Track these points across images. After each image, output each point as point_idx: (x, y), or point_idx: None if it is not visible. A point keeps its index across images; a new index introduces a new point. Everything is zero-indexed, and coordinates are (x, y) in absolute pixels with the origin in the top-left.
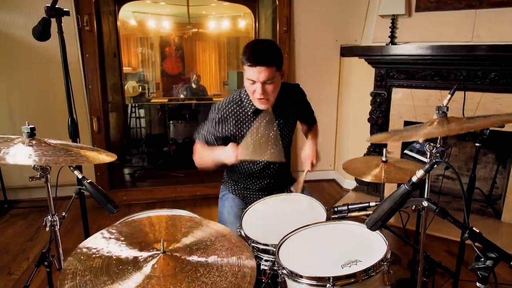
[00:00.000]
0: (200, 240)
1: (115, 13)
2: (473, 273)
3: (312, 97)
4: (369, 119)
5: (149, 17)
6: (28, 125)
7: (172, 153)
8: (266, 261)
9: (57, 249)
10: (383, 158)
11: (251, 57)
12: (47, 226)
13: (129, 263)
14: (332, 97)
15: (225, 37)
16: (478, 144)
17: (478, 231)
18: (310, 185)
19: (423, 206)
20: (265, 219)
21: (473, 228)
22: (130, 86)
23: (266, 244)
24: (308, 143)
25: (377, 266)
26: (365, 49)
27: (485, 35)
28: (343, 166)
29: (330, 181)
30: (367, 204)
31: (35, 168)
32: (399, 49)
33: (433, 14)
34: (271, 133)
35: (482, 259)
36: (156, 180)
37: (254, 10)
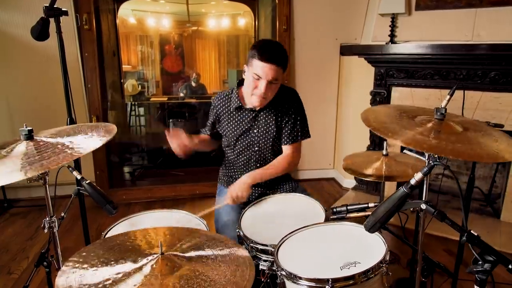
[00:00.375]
0: (197, 244)
1: (114, 11)
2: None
3: (311, 96)
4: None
5: (148, 15)
6: (26, 127)
7: (172, 151)
8: (264, 261)
9: (55, 250)
10: (384, 152)
11: (265, 53)
12: (46, 228)
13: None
14: (331, 96)
15: (224, 35)
16: None
17: (476, 234)
18: (310, 183)
19: (421, 208)
20: (263, 219)
21: (471, 231)
22: (130, 85)
23: (264, 245)
24: (249, 174)
25: (376, 268)
26: (365, 48)
27: (485, 34)
28: (344, 161)
29: (330, 180)
30: (366, 205)
31: None
32: (399, 48)
33: (433, 13)
34: (254, 131)
35: (480, 262)
36: (155, 179)
37: (254, 9)
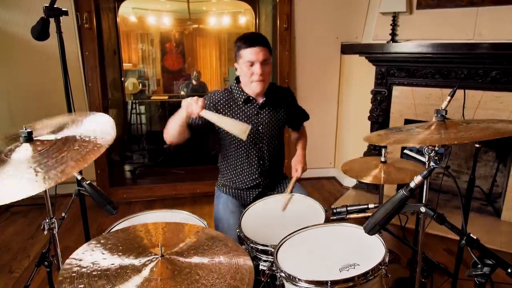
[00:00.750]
0: (197, 244)
1: (115, 10)
2: None
3: (312, 94)
4: (369, 117)
5: (149, 13)
6: (26, 128)
7: (172, 150)
8: (265, 261)
9: (55, 252)
10: (382, 159)
11: (249, 39)
12: (45, 230)
13: (128, 266)
14: (332, 95)
15: (225, 33)
16: (477, 145)
17: (475, 237)
18: (311, 182)
19: (420, 211)
20: (264, 219)
21: (471, 234)
22: (130, 83)
23: (265, 245)
24: (299, 151)
25: (375, 270)
26: (366, 46)
27: (486, 33)
28: (342, 168)
29: (330, 178)
30: (366, 206)
31: None
32: (400, 47)
33: (434, 12)
34: (259, 127)
35: (479, 266)
36: (156, 178)
37: (255, 7)
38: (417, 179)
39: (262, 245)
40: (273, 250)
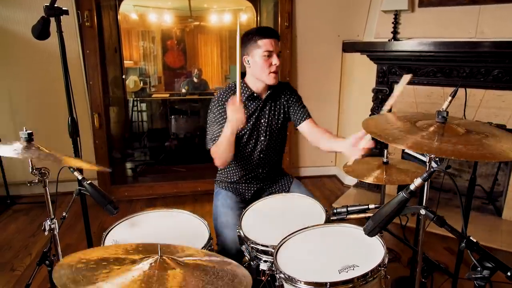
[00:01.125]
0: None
1: (116, 7)
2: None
3: (313, 93)
4: (370, 116)
5: (150, 10)
6: (26, 130)
7: (173, 148)
8: (265, 261)
9: (56, 252)
10: (384, 160)
11: (266, 31)
12: (46, 231)
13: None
14: (333, 93)
15: (226, 31)
16: None
17: (475, 240)
18: (312, 181)
19: (420, 214)
20: (264, 219)
21: (471, 237)
22: (132, 81)
23: (265, 245)
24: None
25: (375, 272)
26: (367, 45)
27: (489, 31)
28: (344, 169)
29: (332, 177)
30: (366, 207)
31: (33, 173)
32: (402, 45)
33: (436, 10)
34: (261, 120)
35: (479, 269)
36: (157, 175)
37: (256, 4)
38: (417, 181)
39: (263, 245)
40: (273, 251)
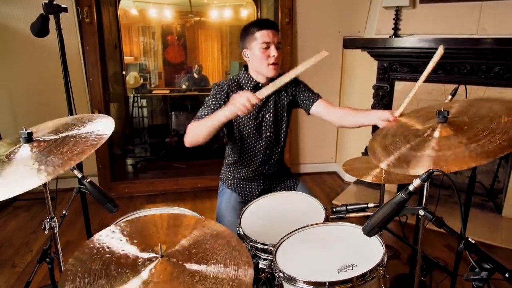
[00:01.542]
0: (199, 242)
1: (116, 3)
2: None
3: (313, 89)
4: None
5: (150, 6)
6: (25, 129)
7: (174, 144)
8: (264, 260)
9: (56, 250)
10: None
11: (263, 22)
12: (46, 230)
13: (127, 266)
14: (334, 89)
15: (227, 26)
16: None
17: (473, 241)
18: (312, 177)
19: (419, 214)
20: (264, 218)
21: (469, 238)
22: (132, 77)
23: (264, 244)
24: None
25: (374, 271)
26: (368, 41)
27: (490, 28)
28: (344, 167)
29: (332, 173)
30: (366, 205)
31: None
32: (403, 42)
33: (438, 6)
34: (266, 115)
35: (477, 270)
36: (158, 172)
37: (256, 0)
38: (416, 182)
39: (262, 244)
40: (273, 249)
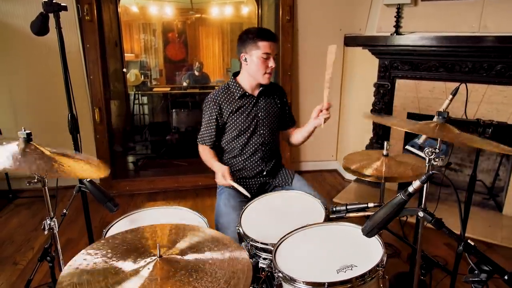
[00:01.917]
0: (197, 245)
1: (116, 1)
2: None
3: (314, 87)
4: (372, 111)
5: (151, 3)
6: (25, 130)
7: (174, 141)
8: (264, 259)
9: (56, 250)
10: (384, 152)
11: (266, 34)
12: (46, 230)
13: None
14: (335, 88)
15: (228, 24)
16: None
17: (473, 243)
18: (312, 175)
19: (418, 216)
20: (264, 217)
21: (468, 240)
22: (132, 74)
23: (264, 243)
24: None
25: (373, 272)
26: (369, 39)
27: (492, 25)
28: (344, 160)
29: (332, 171)
30: (366, 205)
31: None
32: (404, 40)
33: (439, 4)
34: (259, 114)
35: (476, 272)
36: (158, 169)
37: None
38: (416, 184)
39: (262, 243)
40: (272, 249)
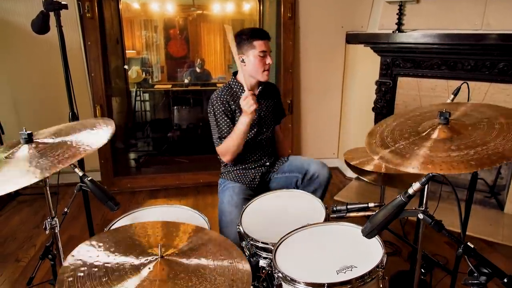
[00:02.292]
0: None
1: None
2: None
3: (316, 84)
4: (373, 108)
5: None
6: (25, 130)
7: (176, 138)
8: (264, 258)
9: (57, 249)
10: None
11: (260, 33)
12: (47, 229)
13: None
14: (336, 85)
15: (229, 20)
16: None
17: (472, 246)
18: None
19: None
20: (264, 216)
21: (468, 243)
22: (134, 71)
23: (265, 243)
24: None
25: (373, 273)
26: (371, 36)
27: (495, 23)
28: (344, 155)
29: (334, 169)
30: (366, 205)
31: None
32: (406, 37)
33: (442, 1)
34: (261, 113)
35: (476, 274)
36: (160, 166)
37: None
38: (416, 186)
39: (262, 242)
40: (273, 248)
